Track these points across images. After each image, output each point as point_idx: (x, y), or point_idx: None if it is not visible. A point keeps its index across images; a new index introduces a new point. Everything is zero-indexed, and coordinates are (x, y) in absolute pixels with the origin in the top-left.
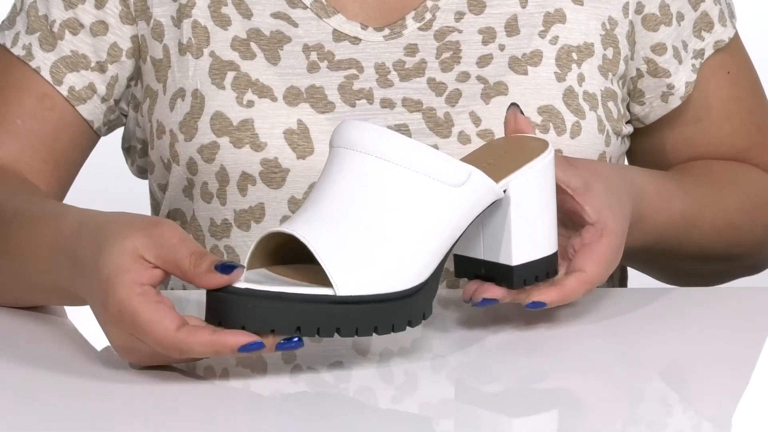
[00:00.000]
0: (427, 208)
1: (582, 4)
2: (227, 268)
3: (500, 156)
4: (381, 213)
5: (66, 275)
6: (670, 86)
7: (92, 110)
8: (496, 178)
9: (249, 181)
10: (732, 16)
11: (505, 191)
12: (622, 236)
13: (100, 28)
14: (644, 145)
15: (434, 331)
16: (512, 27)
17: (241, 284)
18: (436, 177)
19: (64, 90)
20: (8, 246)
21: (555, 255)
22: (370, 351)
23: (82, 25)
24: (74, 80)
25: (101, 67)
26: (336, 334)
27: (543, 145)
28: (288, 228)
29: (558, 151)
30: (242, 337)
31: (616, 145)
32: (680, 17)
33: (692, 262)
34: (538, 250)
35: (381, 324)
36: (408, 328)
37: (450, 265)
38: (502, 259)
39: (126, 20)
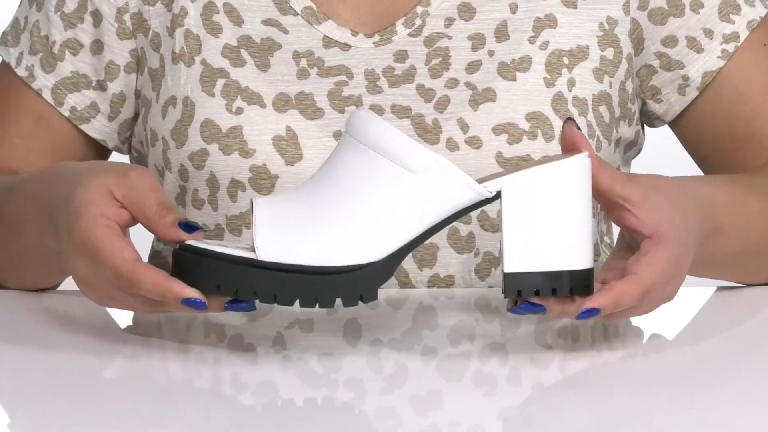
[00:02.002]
0: (380, 190)
1: (575, 8)
2: (190, 227)
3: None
4: (332, 188)
5: (46, 226)
6: (686, 78)
7: (100, 129)
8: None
9: (239, 187)
10: None
11: (499, 193)
12: (683, 248)
13: (98, 47)
14: (698, 133)
15: (424, 323)
16: (502, 33)
17: (190, 242)
18: (396, 161)
19: (65, 111)
20: (3, 216)
21: (573, 273)
22: (360, 342)
23: (81, 45)
24: (76, 101)
25: (101, 86)
26: (256, 299)
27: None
28: (256, 198)
29: (546, 158)
30: (188, 291)
31: (608, 150)
32: (697, 6)
33: None
34: (540, 262)
35: (303, 296)
36: (342, 307)
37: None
38: (504, 266)
39: (123, 36)
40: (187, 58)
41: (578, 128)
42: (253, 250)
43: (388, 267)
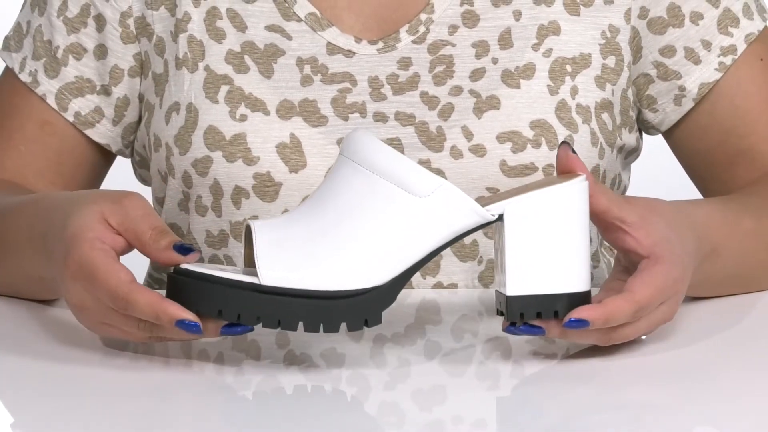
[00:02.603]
0: (382, 214)
1: (578, 15)
2: (185, 249)
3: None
4: (333, 211)
5: (40, 251)
6: (682, 88)
7: (104, 133)
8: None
9: (242, 194)
10: (763, 10)
11: (502, 216)
12: (680, 269)
13: (102, 51)
14: (692, 146)
15: (428, 318)
16: (506, 40)
17: (185, 265)
18: (400, 184)
19: (69, 116)
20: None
21: (571, 295)
22: (363, 337)
23: (85, 50)
24: (80, 105)
25: (106, 91)
26: (259, 324)
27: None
28: (253, 221)
29: (550, 166)
30: (183, 313)
31: (611, 157)
32: (697, 17)
33: None
34: (542, 285)
35: (307, 320)
36: (348, 331)
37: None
38: (503, 288)
39: (127, 40)
40: (191, 64)
41: (573, 151)
42: (253, 274)
43: (392, 290)
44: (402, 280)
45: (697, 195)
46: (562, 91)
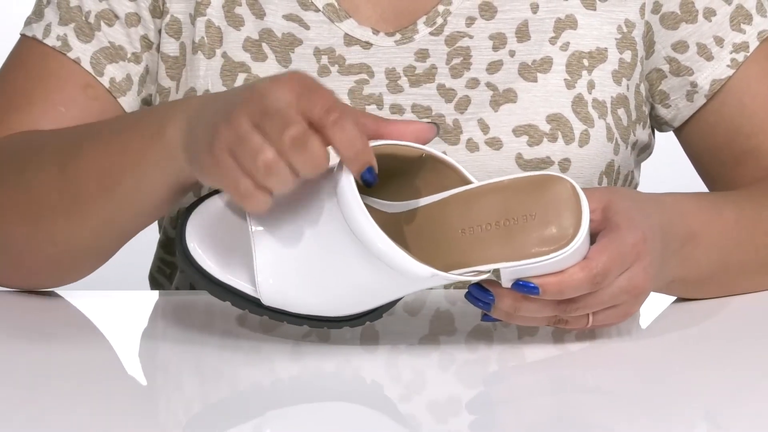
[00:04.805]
0: (380, 283)
1: (594, 9)
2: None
3: (525, 220)
4: (333, 252)
5: (174, 145)
6: (694, 84)
7: (131, 103)
8: (493, 255)
9: None
10: None
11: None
12: (638, 233)
13: (133, 19)
14: (700, 145)
15: (442, 328)
16: (523, 33)
17: (201, 260)
18: (394, 269)
19: (105, 81)
20: (86, 173)
21: None
22: (378, 349)
23: (117, 16)
24: (114, 71)
25: (137, 59)
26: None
27: (573, 230)
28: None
29: (566, 161)
30: (373, 160)
31: (625, 153)
32: (710, 13)
33: None
34: None
35: (311, 324)
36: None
37: None
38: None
39: (155, 14)
40: (207, 49)
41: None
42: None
43: (392, 304)
44: (386, 305)
45: None
46: (578, 86)
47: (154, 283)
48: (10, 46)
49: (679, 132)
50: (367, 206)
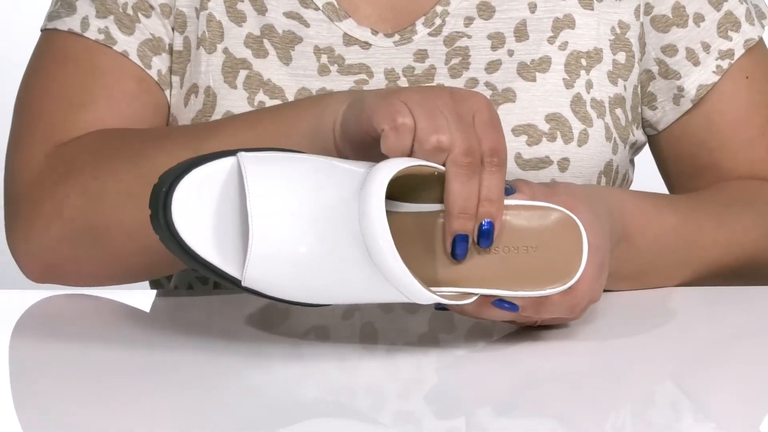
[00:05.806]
0: (373, 290)
1: (592, 9)
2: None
3: (526, 251)
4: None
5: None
6: (680, 89)
7: (175, 96)
8: (487, 278)
9: None
10: (762, 16)
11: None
12: (606, 256)
13: (166, 10)
14: (666, 152)
15: (441, 326)
16: (521, 32)
17: (182, 230)
18: (402, 292)
19: (154, 74)
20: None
21: None
22: (377, 347)
23: (152, 7)
24: (159, 64)
25: (171, 50)
26: None
27: (573, 272)
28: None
29: (565, 160)
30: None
31: (623, 153)
32: (699, 18)
33: (703, 281)
34: None
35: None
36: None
37: None
38: None
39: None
40: (209, 44)
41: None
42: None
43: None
44: None
45: None
46: (577, 85)
47: (153, 281)
48: (11, 46)
49: (650, 140)
50: None
